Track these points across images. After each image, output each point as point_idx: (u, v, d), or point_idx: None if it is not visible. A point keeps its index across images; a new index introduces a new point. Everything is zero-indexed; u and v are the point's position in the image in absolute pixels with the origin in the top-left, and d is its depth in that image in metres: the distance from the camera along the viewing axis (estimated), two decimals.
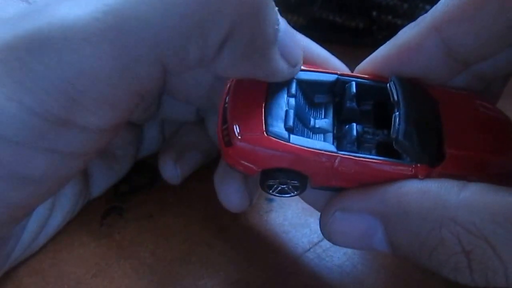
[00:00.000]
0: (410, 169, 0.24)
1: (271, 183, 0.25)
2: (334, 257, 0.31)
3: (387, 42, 0.28)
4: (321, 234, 0.31)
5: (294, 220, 0.33)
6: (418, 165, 0.24)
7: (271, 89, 0.26)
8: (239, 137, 0.24)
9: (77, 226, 0.32)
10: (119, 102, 0.22)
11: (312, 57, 0.29)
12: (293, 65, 0.26)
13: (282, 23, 0.24)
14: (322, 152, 0.24)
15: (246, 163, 0.25)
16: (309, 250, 0.31)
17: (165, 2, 0.21)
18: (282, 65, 0.25)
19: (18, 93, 0.20)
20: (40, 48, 0.20)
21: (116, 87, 0.22)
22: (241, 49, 0.23)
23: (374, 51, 0.28)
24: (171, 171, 0.33)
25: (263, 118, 0.25)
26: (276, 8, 0.24)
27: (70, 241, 0.31)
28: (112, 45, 0.21)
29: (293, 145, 0.24)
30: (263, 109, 0.25)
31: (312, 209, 0.29)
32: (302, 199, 0.28)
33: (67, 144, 0.22)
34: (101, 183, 0.33)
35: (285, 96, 0.26)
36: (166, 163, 0.33)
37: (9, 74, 0.20)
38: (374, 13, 0.43)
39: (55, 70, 0.20)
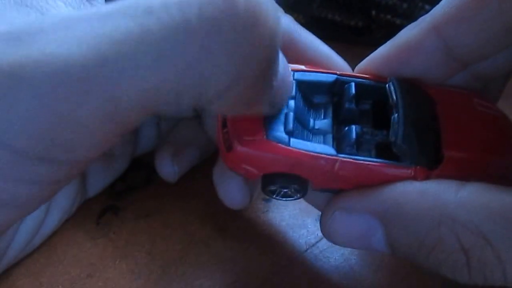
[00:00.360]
0: (409, 171, 0.24)
1: (272, 188, 0.25)
2: (331, 258, 0.30)
3: (387, 42, 0.28)
4: (318, 235, 0.31)
5: (291, 221, 0.32)
6: (417, 167, 0.24)
7: None
8: (240, 141, 0.24)
9: (72, 226, 0.32)
10: (99, 143, 0.21)
11: (315, 55, 0.28)
12: (275, 108, 0.24)
13: (281, 64, 0.23)
14: (322, 155, 0.24)
15: (247, 167, 0.25)
16: (306, 251, 0.31)
17: (162, 54, 0.19)
18: (266, 108, 0.24)
19: None
20: (22, 88, 0.19)
21: (97, 133, 0.20)
22: (235, 100, 0.21)
23: (372, 50, 0.28)
24: (168, 168, 0.32)
25: (263, 121, 0.24)
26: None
27: (65, 240, 0.31)
28: (98, 94, 0.19)
29: (293, 149, 0.24)
30: None
31: (309, 210, 0.29)
32: (304, 199, 0.28)
33: (47, 175, 0.21)
34: (97, 182, 0.33)
35: None
36: (163, 160, 0.32)
37: None
38: (373, 12, 0.43)
39: (35, 113, 0.19)
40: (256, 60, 0.20)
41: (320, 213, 0.27)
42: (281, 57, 0.23)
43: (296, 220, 0.32)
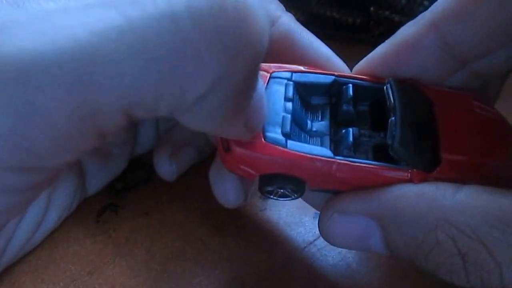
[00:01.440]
0: (406, 174, 0.24)
1: (269, 189, 0.26)
2: (329, 256, 0.31)
3: (386, 41, 0.28)
4: (315, 233, 0.31)
5: (289, 218, 0.33)
6: (414, 170, 0.24)
7: (268, 94, 0.26)
8: (237, 143, 0.24)
9: (72, 223, 0.32)
10: (75, 147, 0.20)
11: (314, 56, 0.28)
12: (250, 131, 0.23)
13: (259, 86, 0.22)
14: (319, 158, 0.24)
15: (244, 168, 0.25)
16: (303, 249, 0.31)
17: (145, 46, 0.18)
18: (241, 130, 0.23)
19: None
20: None
21: (72, 136, 0.19)
22: (214, 108, 0.20)
23: (371, 47, 0.28)
24: (166, 167, 0.33)
25: None
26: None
27: (66, 238, 0.31)
28: (73, 93, 0.18)
29: (290, 151, 0.24)
30: None
31: (306, 208, 0.30)
32: (301, 198, 0.28)
33: (22, 184, 0.21)
34: (97, 181, 0.33)
35: (282, 100, 0.26)
36: (161, 159, 0.33)
37: None
38: (372, 9, 0.43)
39: (4, 118, 0.18)
40: (241, 62, 0.19)
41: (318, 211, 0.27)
42: (259, 78, 0.22)
43: (293, 218, 0.33)
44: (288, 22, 0.29)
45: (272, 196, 0.26)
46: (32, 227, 0.29)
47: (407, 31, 0.27)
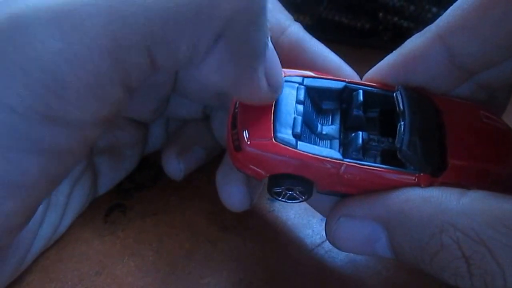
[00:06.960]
0: (413, 178, 0.24)
1: (278, 190, 0.26)
2: (337, 258, 0.31)
3: (394, 51, 0.28)
4: (323, 236, 0.31)
5: (296, 220, 0.33)
6: (421, 174, 0.24)
7: (280, 96, 0.26)
8: (248, 142, 0.25)
9: (80, 223, 0.32)
10: (104, 93, 0.21)
11: (324, 63, 0.29)
12: (273, 88, 0.25)
13: (270, 43, 0.24)
14: (328, 159, 0.24)
15: (254, 168, 0.25)
16: (311, 251, 0.31)
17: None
18: (264, 85, 0.24)
19: None
20: (20, 36, 0.19)
21: (101, 78, 0.20)
22: (231, 52, 0.22)
23: (380, 52, 0.29)
24: (174, 165, 0.33)
25: (271, 124, 0.25)
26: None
27: (74, 238, 0.31)
28: (101, 32, 0.19)
29: (300, 151, 0.24)
30: (272, 115, 0.25)
31: (315, 210, 0.30)
32: (308, 203, 0.28)
33: (54, 142, 0.21)
34: (108, 181, 0.33)
35: (294, 102, 0.26)
36: (169, 158, 0.33)
37: None
38: (381, 14, 0.43)
39: (36, 61, 0.19)
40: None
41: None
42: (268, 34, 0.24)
43: (301, 220, 0.33)
44: (297, 31, 0.30)
45: (280, 198, 0.26)
46: (50, 235, 0.29)
47: (414, 42, 0.27)
